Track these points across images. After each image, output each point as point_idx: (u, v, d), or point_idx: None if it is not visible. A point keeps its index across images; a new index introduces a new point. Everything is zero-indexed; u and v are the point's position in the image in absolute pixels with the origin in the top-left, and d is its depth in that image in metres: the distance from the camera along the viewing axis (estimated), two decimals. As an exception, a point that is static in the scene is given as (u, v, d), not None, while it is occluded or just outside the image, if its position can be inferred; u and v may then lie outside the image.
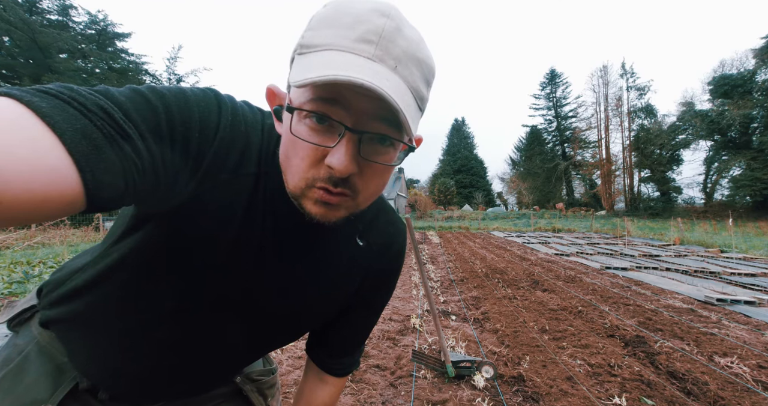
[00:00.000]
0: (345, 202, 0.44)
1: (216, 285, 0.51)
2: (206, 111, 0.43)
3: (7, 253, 7.90)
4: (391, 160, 0.44)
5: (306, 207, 0.44)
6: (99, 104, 0.33)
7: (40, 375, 0.56)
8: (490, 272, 6.48)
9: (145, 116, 0.37)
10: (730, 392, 2.26)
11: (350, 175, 0.41)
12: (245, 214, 0.48)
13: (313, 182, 0.42)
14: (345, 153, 0.40)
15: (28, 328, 0.60)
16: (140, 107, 0.37)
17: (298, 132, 0.41)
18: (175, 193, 0.42)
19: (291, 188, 0.44)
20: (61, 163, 0.30)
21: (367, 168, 0.43)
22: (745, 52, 29.84)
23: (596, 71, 48.99)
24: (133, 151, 0.34)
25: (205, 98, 0.44)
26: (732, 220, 11.94)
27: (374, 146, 0.42)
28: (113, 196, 0.35)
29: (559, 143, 47.00)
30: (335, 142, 0.40)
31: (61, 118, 0.30)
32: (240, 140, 0.46)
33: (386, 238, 0.64)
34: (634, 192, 36.11)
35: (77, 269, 0.58)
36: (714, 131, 29.28)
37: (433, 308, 2.44)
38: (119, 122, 0.34)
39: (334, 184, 0.42)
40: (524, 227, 22.34)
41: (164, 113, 0.39)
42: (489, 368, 2.43)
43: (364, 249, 0.61)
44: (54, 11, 14.24)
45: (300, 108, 0.40)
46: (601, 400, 2.19)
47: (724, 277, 6.36)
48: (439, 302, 4.49)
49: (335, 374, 0.72)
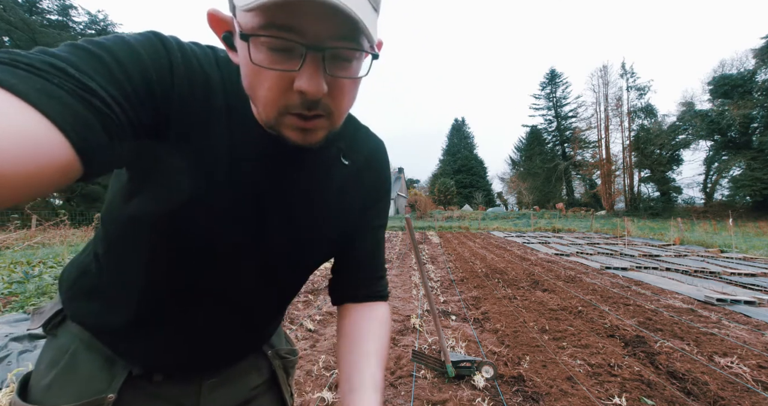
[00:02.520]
0: (321, 124, 0.44)
1: (223, 229, 0.50)
2: (153, 52, 0.41)
3: (7, 253, 7.90)
4: (356, 73, 0.43)
5: (285, 133, 0.44)
6: (47, 62, 0.31)
7: (94, 368, 0.56)
8: (490, 272, 6.47)
9: (96, 68, 0.34)
10: (730, 392, 2.26)
11: (322, 96, 0.40)
12: (229, 149, 0.47)
13: (286, 110, 0.41)
14: (313, 73, 0.38)
15: (66, 328, 0.60)
16: (87, 60, 0.34)
17: (259, 61, 0.38)
18: (156, 143, 0.41)
19: (264, 118, 0.44)
20: (41, 127, 0.28)
21: (335, 85, 0.41)
22: (745, 52, 29.86)
23: (596, 71, 49.13)
24: (102, 104, 0.33)
25: (147, 41, 0.41)
26: (732, 220, 11.94)
27: (338, 63, 0.41)
28: (104, 156, 0.34)
29: (559, 143, 47.01)
30: (299, 65, 0.38)
31: (17, 81, 0.28)
32: (198, 75, 0.45)
33: (368, 151, 0.64)
34: (634, 192, 36.11)
35: (85, 258, 0.59)
36: (714, 131, 29.28)
37: (433, 308, 2.44)
38: (76, 76, 0.32)
39: (308, 108, 0.41)
40: (524, 227, 22.33)
41: (114, 62, 0.36)
42: (489, 368, 2.43)
43: (350, 167, 0.60)
44: (54, 11, 14.26)
45: (256, 34, 0.37)
46: (601, 400, 2.19)
47: (724, 277, 6.36)
48: (439, 302, 4.49)
49: (380, 299, 0.69)
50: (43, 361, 0.59)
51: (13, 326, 3.12)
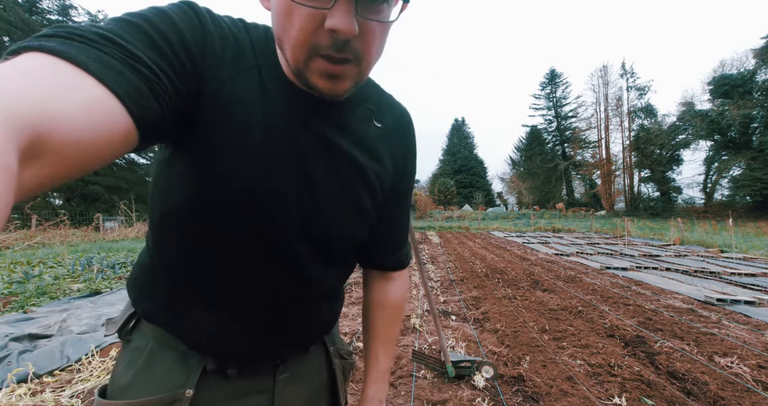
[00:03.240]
0: (349, 70, 0.43)
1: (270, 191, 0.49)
2: (187, 18, 0.42)
3: (7, 253, 7.90)
4: (388, 17, 0.43)
5: (312, 81, 0.43)
6: (97, 33, 0.33)
7: (170, 365, 0.57)
8: (490, 272, 6.47)
9: (138, 37, 0.36)
10: (730, 392, 2.26)
11: (352, 36, 0.40)
12: (263, 105, 0.47)
13: (316, 50, 0.41)
14: (345, 11, 0.38)
15: (139, 331, 0.60)
16: (129, 30, 0.36)
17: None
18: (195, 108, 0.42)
19: (292, 63, 0.43)
20: (104, 96, 0.30)
21: (366, 29, 0.41)
22: (745, 52, 29.88)
23: (596, 71, 49.13)
24: (150, 72, 0.34)
25: (179, 8, 0.43)
26: (732, 220, 11.94)
27: (370, 5, 0.40)
28: (156, 122, 0.35)
29: (559, 143, 46.98)
30: (331, 3, 0.38)
31: (77, 52, 0.30)
32: (228, 37, 0.46)
33: (396, 115, 0.64)
34: (634, 192, 36.11)
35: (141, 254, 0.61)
36: (714, 131, 29.28)
37: (433, 308, 2.44)
38: (125, 46, 0.33)
39: (338, 49, 0.40)
40: (524, 227, 22.33)
41: (153, 31, 0.38)
42: (489, 368, 2.43)
43: (382, 130, 0.60)
44: (54, 11, 14.26)
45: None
46: (601, 400, 2.19)
47: (724, 277, 6.36)
48: (439, 302, 4.49)
49: (399, 268, 0.75)
50: (120, 364, 0.60)
51: (13, 326, 3.12)
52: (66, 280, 5.18)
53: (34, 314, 3.51)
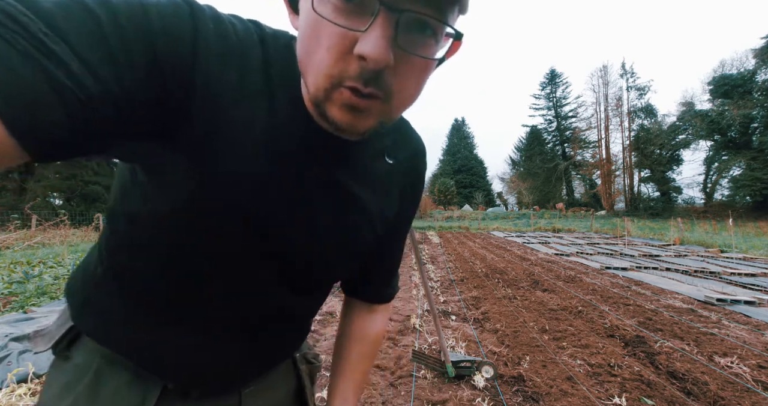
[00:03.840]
0: (375, 106, 0.37)
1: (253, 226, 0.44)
2: (173, 19, 0.34)
3: (7, 253, 7.90)
4: (433, 54, 0.36)
5: (330, 114, 0.37)
6: (8, 12, 0.25)
7: (121, 385, 0.50)
8: (490, 272, 6.47)
9: (80, 29, 0.28)
10: (730, 392, 2.26)
11: (385, 68, 0.33)
12: (265, 139, 0.41)
13: (340, 80, 0.34)
14: (380, 36, 0.32)
15: (80, 346, 0.52)
16: (74, 16, 0.28)
17: (322, 11, 0.33)
18: (169, 126, 0.35)
19: (312, 91, 0.37)
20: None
21: (403, 62, 0.35)
22: (745, 52, 29.87)
23: (596, 71, 49.17)
24: (64, 74, 0.26)
25: (171, 5, 0.34)
26: (732, 220, 11.95)
27: (413, 35, 0.34)
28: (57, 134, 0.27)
29: (559, 143, 46.99)
30: (367, 24, 0.32)
31: None
32: (233, 52, 0.38)
33: (412, 150, 0.59)
34: (634, 192, 36.11)
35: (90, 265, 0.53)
36: (714, 131, 29.28)
37: (433, 308, 2.44)
38: (37, 36, 0.25)
39: (365, 81, 0.34)
40: (524, 227, 22.33)
41: (111, 24, 0.29)
42: (489, 368, 2.43)
43: (394, 166, 0.55)
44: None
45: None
46: (601, 400, 2.19)
47: (724, 277, 6.36)
48: (439, 302, 4.49)
49: (383, 302, 0.71)
50: (53, 386, 0.51)
51: (13, 326, 3.12)
52: (66, 280, 5.18)
53: (34, 314, 3.51)
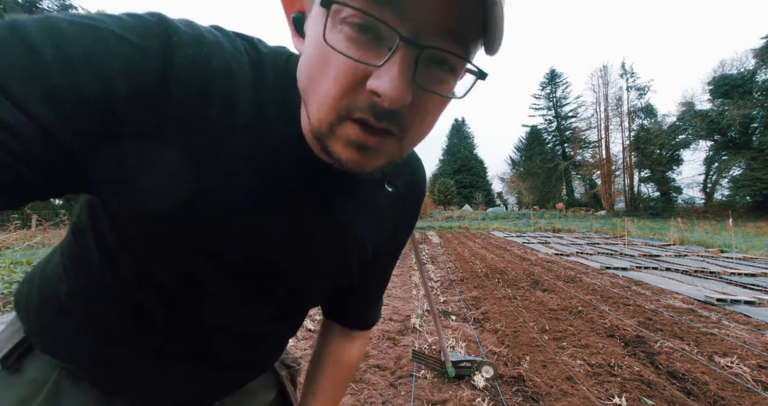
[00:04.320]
0: (387, 145, 0.33)
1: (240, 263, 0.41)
2: (137, 51, 0.29)
3: (7, 253, 7.90)
4: (449, 91, 0.33)
5: (334, 151, 0.33)
6: None
7: (85, 401, 0.46)
8: (490, 272, 6.47)
9: (24, 73, 0.25)
10: (730, 392, 2.26)
11: (401, 106, 0.30)
12: (258, 176, 0.37)
13: (348, 112, 0.31)
14: (399, 75, 0.28)
15: (35, 359, 0.47)
16: (17, 59, 0.25)
17: (333, 41, 0.29)
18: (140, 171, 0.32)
19: (314, 123, 0.33)
20: None
21: (421, 99, 0.31)
22: (745, 52, 29.87)
23: (596, 71, 49.13)
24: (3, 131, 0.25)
25: (136, 30, 0.30)
26: (732, 220, 11.95)
27: (432, 70, 0.31)
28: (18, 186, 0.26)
29: (559, 143, 47.00)
30: (383, 58, 0.29)
31: None
32: (217, 82, 0.33)
33: (411, 175, 0.55)
34: (634, 192, 36.12)
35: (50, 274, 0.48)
36: (714, 131, 29.29)
37: (433, 308, 2.44)
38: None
39: (377, 116, 0.30)
40: (524, 227, 22.33)
41: (58, 62, 0.26)
42: (489, 368, 2.43)
43: (392, 195, 0.52)
44: (54, 11, 14.30)
45: (342, 3, 0.28)
46: (601, 400, 2.19)
47: (724, 277, 6.36)
48: (439, 302, 4.49)
49: (363, 328, 0.68)
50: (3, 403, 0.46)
51: (13, 326, 3.12)
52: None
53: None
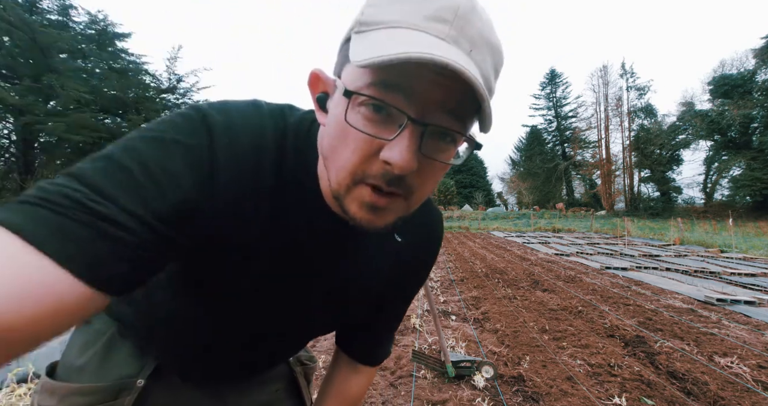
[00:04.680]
0: (396, 204, 0.39)
1: (263, 297, 0.51)
2: (194, 148, 0.38)
3: (7, 253, 7.89)
4: (450, 158, 0.40)
5: (350, 210, 0.39)
6: (63, 193, 0.31)
7: (128, 355, 0.59)
8: (490, 271, 6.47)
9: (119, 185, 0.33)
10: (730, 392, 2.26)
11: (409, 173, 0.36)
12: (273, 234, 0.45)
13: (363, 178, 0.37)
14: (407, 147, 0.34)
15: (101, 315, 0.62)
16: (112, 176, 0.34)
17: (353, 121, 0.36)
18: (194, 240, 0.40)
19: (333, 185, 0.39)
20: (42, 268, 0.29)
21: (425, 166, 0.38)
22: (745, 52, 29.86)
23: (596, 71, 49.05)
24: (119, 229, 0.32)
25: (188, 132, 0.39)
26: (732, 220, 11.94)
27: (436, 142, 0.37)
28: (127, 277, 0.33)
29: (559, 143, 46.96)
30: (394, 134, 0.35)
31: (34, 226, 0.29)
32: (248, 157, 0.41)
33: (426, 231, 0.60)
34: (634, 192, 36.10)
35: None
36: (714, 131, 29.27)
37: (433, 308, 2.44)
38: (88, 205, 0.31)
39: (388, 182, 0.36)
40: (524, 227, 22.32)
41: (141, 173, 0.35)
42: (489, 368, 2.43)
43: (403, 245, 0.57)
44: (54, 11, 14.19)
45: (360, 93, 0.35)
46: (601, 400, 2.19)
47: (724, 277, 6.36)
48: (439, 302, 4.49)
49: (369, 364, 0.71)
50: (75, 344, 0.60)
51: (13, 326, 3.12)
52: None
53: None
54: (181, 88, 16.40)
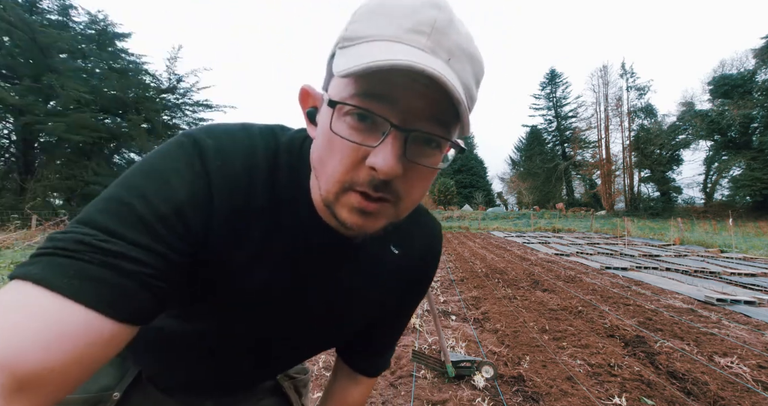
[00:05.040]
0: (385, 209, 0.40)
1: (257, 315, 0.50)
2: (189, 176, 0.40)
3: (8, 253, 7.90)
4: (437, 163, 0.41)
5: (340, 216, 0.40)
6: (75, 239, 0.33)
7: (109, 365, 0.58)
8: (490, 271, 6.47)
9: (126, 222, 0.35)
10: (730, 392, 2.26)
11: (394, 178, 0.37)
12: (267, 251, 0.46)
13: (351, 185, 0.38)
14: (390, 152, 0.36)
15: None
16: (117, 215, 0.36)
17: (338, 129, 0.37)
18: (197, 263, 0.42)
19: (323, 194, 0.40)
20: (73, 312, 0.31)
21: (411, 171, 0.39)
22: (745, 52, 29.84)
23: (596, 71, 49.00)
24: (134, 264, 0.34)
25: (181, 160, 0.40)
26: (732, 220, 11.94)
27: (420, 148, 0.38)
28: (151, 307, 0.36)
29: (559, 143, 46.94)
30: (378, 141, 0.36)
31: (53, 275, 0.31)
32: (240, 178, 0.43)
33: (424, 244, 0.61)
34: (634, 192, 36.08)
35: None
36: (714, 131, 29.26)
37: (433, 308, 2.44)
38: (101, 246, 0.33)
39: (375, 187, 0.37)
40: (524, 227, 22.32)
41: (144, 208, 0.36)
42: (489, 368, 2.43)
43: (400, 257, 0.57)
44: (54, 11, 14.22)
45: (343, 102, 0.36)
46: (601, 400, 2.19)
47: (724, 277, 6.36)
48: (439, 302, 4.49)
49: (368, 375, 0.71)
50: None
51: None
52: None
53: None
54: (181, 88, 16.41)
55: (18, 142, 13.34)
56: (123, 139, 14.59)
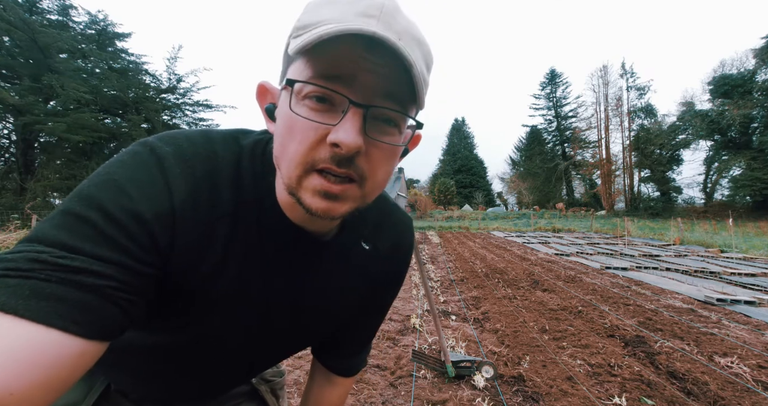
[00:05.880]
0: (350, 191, 0.39)
1: (230, 320, 0.49)
2: (148, 186, 0.38)
3: (7, 253, 7.89)
4: (398, 141, 0.41)
5: (304, 201, 0.39)
6: (28, 258, 0.32)
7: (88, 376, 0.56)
8: (490, 271, 6.47)
9: (84, 235, 0.34)
10: (730, 392, 2.26)
11: (357, 153, 0.37)
12: (233, 254, 0.45)
13: (313, 165, 0.38)
14: (351, 126, 0.36)
15: None
16: (75, 229, 0.34)
17: (298, 111, 0.37)
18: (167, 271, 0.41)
19: (286, 181, 0.40)
20: (33, 334, 0.29)
21: (373, 149, 0.39)
22: (745, 52, 29.80)
23: (596, 71, 48.98)
24: (95, 277, 0.33)
25: (140, 170, 0.39)
26: (732, 220, 11.95)
27: (379, 126, 0.39)
28: (119, 322, 0.34)
29: (559, 143, 46.96)
30: (338, 119, 0.37)
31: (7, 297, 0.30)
32: (201, 186, 0.42)
33: (394, 239, 0.60)
34: (634, 192, 36.08)
35: None
36: (714, 131, 29.25)
37: (433, 308, 2.44)
38: (58, 262, 0.32)
39: (338, 163, 0.37)
40: (524, 227, 22.32)
41: (103, 220, 0.35)
42: (489, 368, 2.43)
43: (371, 253, 0.57)
44: (54, 11, 14.21)
45: (300, 80, 0.37)
46: (601, 400, 2.19)
47: (724, 277, 6.36)
48: (439, 302, 4.49)
49: (343, 375, 0.70)
50: None
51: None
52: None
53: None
54: (181, 88, 16.41)
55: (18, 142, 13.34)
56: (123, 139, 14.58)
